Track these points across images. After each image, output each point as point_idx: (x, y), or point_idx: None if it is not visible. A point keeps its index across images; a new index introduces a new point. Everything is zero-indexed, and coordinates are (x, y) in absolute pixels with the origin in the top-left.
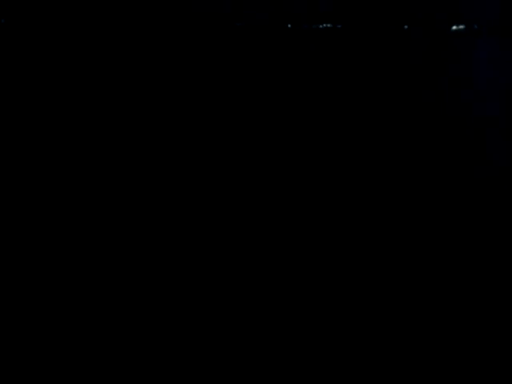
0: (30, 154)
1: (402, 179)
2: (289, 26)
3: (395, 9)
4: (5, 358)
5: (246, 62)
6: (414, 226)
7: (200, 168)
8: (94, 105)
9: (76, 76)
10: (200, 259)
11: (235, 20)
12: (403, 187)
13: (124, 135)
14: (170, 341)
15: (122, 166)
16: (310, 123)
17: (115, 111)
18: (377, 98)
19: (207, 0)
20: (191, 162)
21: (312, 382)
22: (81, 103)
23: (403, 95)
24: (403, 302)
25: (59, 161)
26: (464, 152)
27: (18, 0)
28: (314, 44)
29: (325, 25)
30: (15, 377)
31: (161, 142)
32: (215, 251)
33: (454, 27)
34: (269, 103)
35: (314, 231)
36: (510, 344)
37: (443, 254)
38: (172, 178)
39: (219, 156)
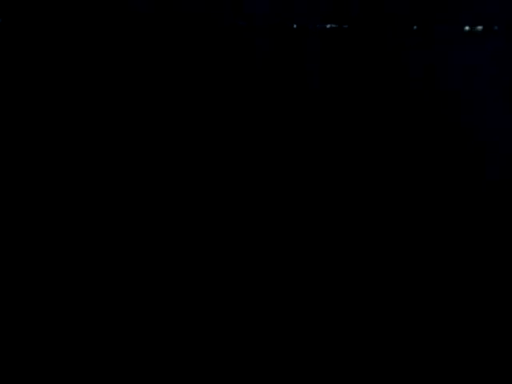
0: (28, 154)
1: (404, 177)
2: (294, 26)
3: (402, 9)
4: (5, 358)
5: (251, 62)
6: (410, 229)
7: (200, 168)
8: (92, 104)
9: (73, 75)
10: (200, 259)
11: (237, 19)
12: (405, 185)
13: (122, 134)
14: (170, 341)
15: (120, 165)
16: (314, 124)
17: (113, 112)
18: (383, 100)
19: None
20: (192, 163)
21: (312, 382)
22: (78, 102)
23: (407, 96)
24: (402, 303)
25: (59, 161)
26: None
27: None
28: (320, 44)
29: (330, 25)
30: (15, 377)
31: (160, 142)
32: (215, 251)
33: (467, 28)
34: (274, 103)
35: (313, 232)
36: (509, 344)
37: (441, 255)
38: (172, 178)
39: (220, 157)
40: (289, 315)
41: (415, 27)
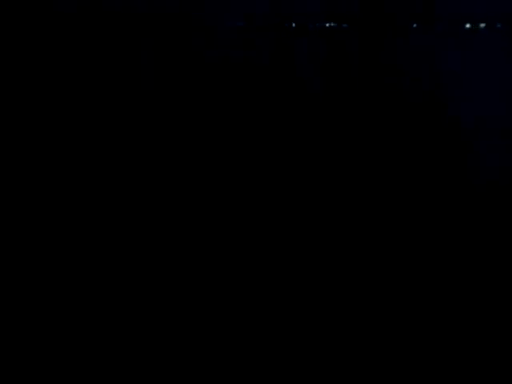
0: (28, 154)
1: (400, 178)
2: (293, 25)
3: (402, 7)
4: (5, 358)
5: (251, 60)
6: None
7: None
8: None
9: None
10: (200, 260)
11: (237, 20)
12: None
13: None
14: (171, 340)
15: (121, 166)
16: (314, 124)
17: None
18: (381, 99)
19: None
20: (193, 163)
21: (312, 382)
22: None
23: (406, 96)
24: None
25: (59, 160)
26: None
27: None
28: (320, 43)
29: (330, 24)
30: (15, 377)
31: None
32: (215, 252)
33: (468, 25)
34: (273, 102)
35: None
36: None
37: (438, 256)
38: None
39: (218, 158)
40: (288, 315)
41: (415, 25)
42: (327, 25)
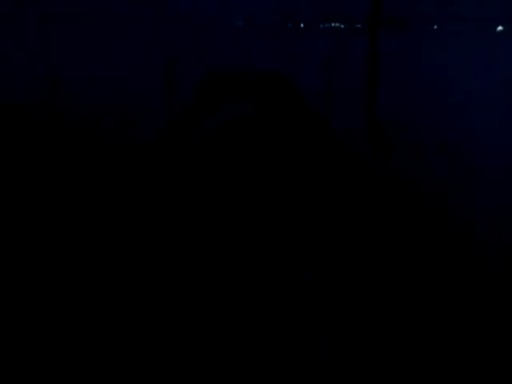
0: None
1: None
2: (301, 25)
3: (423, 6)
4: (5, 358)
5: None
6: None
7: None
8: None
9: None
10: (200, 261)
11: (238, 20)
12: None
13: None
14: (170, 340)
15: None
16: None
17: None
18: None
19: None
20: None
21: (312, 381)
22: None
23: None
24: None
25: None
26: None
27: None
28: (326, 43)
29: (337, 24)
30: (15, 376)
31: None
32: (215, 253)
33: (500, 28)
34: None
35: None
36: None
37: None
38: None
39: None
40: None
41: (435, 27)
42: (335, 25)
